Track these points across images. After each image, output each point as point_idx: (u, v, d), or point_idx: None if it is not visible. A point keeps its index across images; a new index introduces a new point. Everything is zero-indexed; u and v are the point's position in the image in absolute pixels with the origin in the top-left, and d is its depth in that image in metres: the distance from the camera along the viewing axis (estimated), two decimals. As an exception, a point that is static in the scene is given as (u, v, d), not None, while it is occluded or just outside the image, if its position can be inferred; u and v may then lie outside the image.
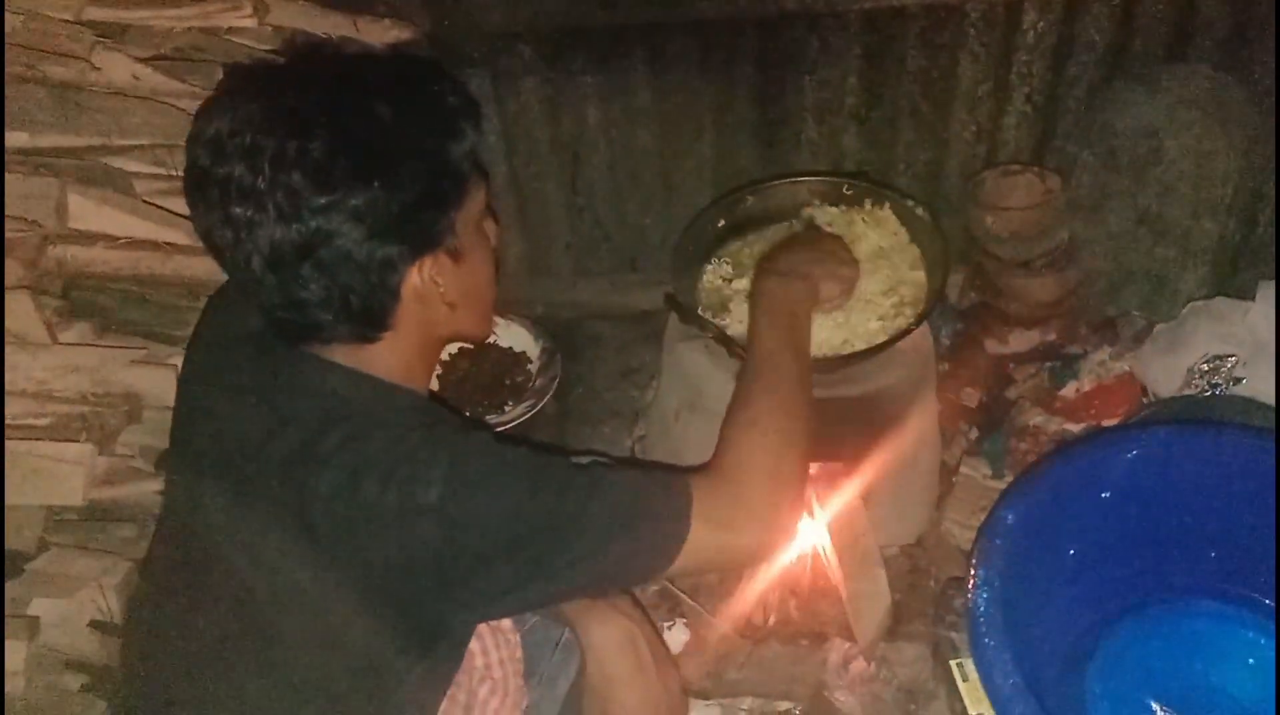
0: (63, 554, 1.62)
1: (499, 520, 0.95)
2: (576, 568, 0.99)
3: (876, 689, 1.56)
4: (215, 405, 1.05)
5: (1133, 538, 1.36)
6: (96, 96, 1.54)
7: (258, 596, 0.98)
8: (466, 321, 1.10)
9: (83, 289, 1.64)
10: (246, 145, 0.91)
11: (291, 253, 0.93)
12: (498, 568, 0.97)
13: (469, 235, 1.04)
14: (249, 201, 0.91)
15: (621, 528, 1.00)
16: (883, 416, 1.57)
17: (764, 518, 1.07)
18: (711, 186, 2.00)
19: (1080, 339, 1.90)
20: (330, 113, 0.93)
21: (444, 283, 1.02)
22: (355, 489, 0.92)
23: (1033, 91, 1.88)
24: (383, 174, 0.93)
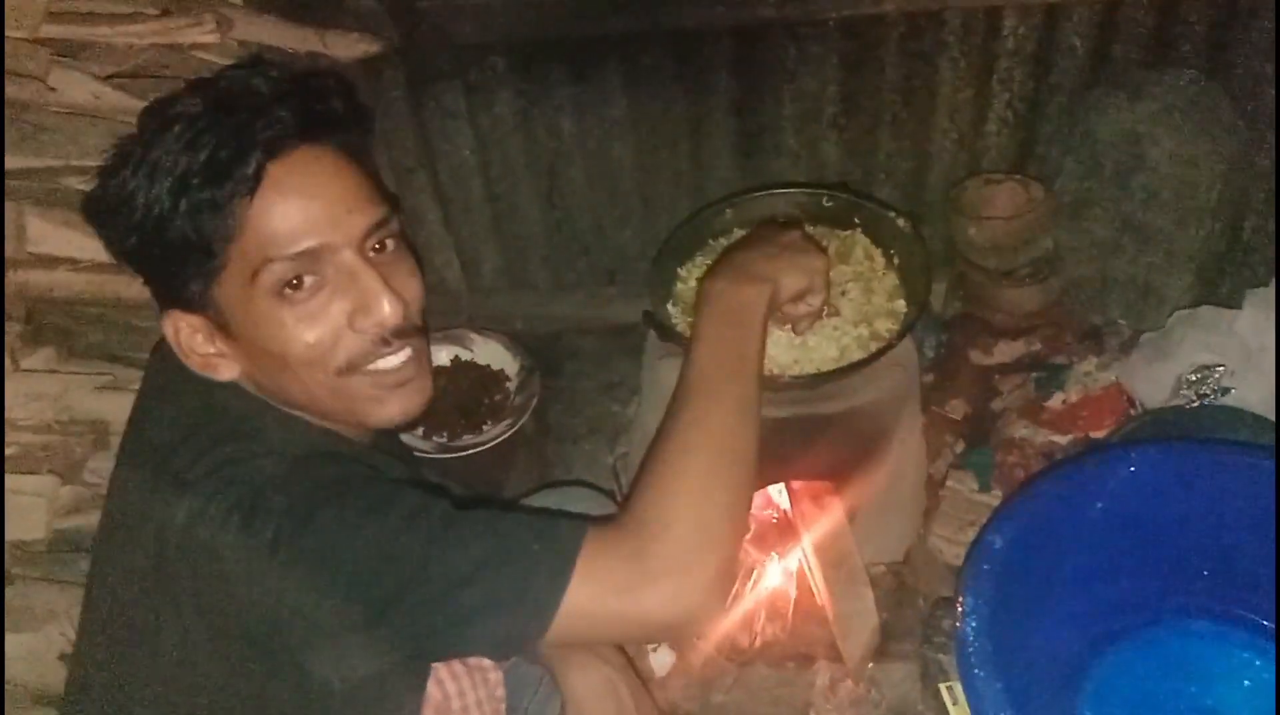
0: (29, 587, 1.59)
1: (333, 563, 0.85)
2: (419, 625, 0.87)
3: (865, 711, 1.54)
4: (146, 417, 1.02)
5: (1124, 559, 1.34)
6: (55, 116, 1.50)
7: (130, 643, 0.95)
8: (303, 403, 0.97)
9: (45, 314, 1.60)
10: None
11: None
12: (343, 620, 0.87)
13: (244, 309, 0.91)
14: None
15: (490, 580, 0.86)
16: (867, 432, 1.55)
17: (673, 582, 0.87)
18: (690, 198, 1.97)
19: (1066, 349, 1.88)
20: (112, 158, 0.92)
21: (205, 341, 0.95)
22: (203, 516, 0.86)
23: (1014, 99, 1.86)
24: (101, 228, 0.93)
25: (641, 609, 0.88)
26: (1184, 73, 1.79)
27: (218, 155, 0.87)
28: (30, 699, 1.56)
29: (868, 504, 1.63)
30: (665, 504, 0.91)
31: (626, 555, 0.88)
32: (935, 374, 1.90)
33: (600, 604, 0.87)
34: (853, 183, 1.88)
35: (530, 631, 0.88)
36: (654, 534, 0.89)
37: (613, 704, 1.16)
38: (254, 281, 0.89)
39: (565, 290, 2.16)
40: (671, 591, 0.87)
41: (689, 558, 0.88)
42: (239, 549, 0.85)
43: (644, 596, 0.87)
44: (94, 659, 1.01)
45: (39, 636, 1.54)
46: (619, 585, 0.87)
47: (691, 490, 0.92)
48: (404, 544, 0.86)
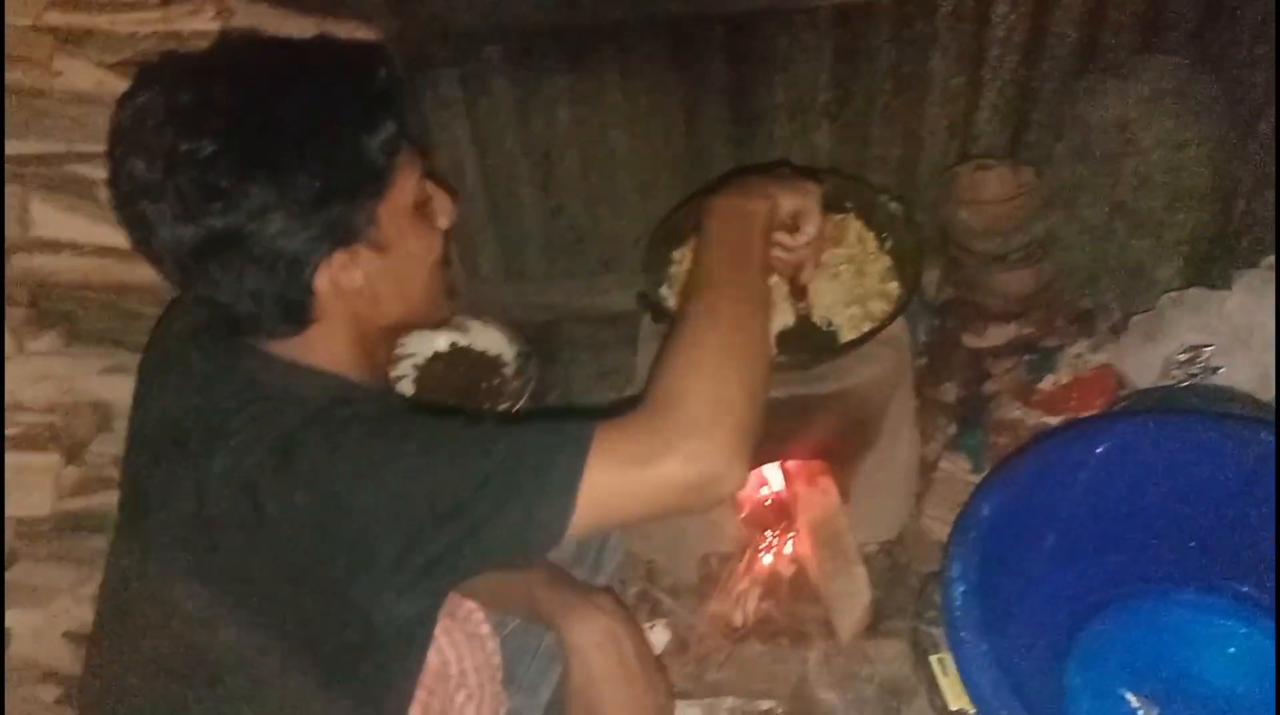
0: (34, 565, 1.61)
1: (371, 485, 0.90)
2: (466, 531, 0.90)
3: (858, 686, 1.56)
4: (160, 399, 1.04)
5: (1111, 528, 1.36)
6: (58, 103, 1.52)
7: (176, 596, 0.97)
8: (404, 310, 1.05)
9: (50, 297, 1.62)
10: (144, 142, 0.90)
11: (193, 253, 0.92)
12: (379, 538, 0.90)
13: (397, 225, 1.00)
14: (149, 199, 0.90)
15: (507, 480, 0.90)
16: (860, 413, 1.56)
17: (687, 445, 0.89)
18: (685, 186, 1.98)
19: (1057, 332, 1.90)
20: (228, 109, 0.91)
21: (365, 277, 0.99)
22: (239, 465, 0.91)
23: (1005, 85, 1.88)
24: (277, 174, 0.90)
25: (661, 474, 0.90)
26: (1173, 58, 1.80)
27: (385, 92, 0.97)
28: (36, 676, 1.58)
29: (861, 484, 1.65)
30: (678, 381, 0.94)
31: (641, 428, 0.91)
32: (928, 357, 1.91)
33: (620, 477, 0.90)
34: (845, 169, 1.90)
35: (557, 520, 0.90)
36: (668, 407, 0.92)
37: (614, 652, 1.17)
38: (409, 196, 1.01)
39: (561, 279, 2.16)
40: (689, 452, 0.89)
41: (704, 422, 0.91)
42: (277, 486, 0.89)
43: (662, 461, 0.89)
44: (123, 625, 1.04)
45: (44, 613, 1.56)
46: (636, 456, 0.90)
47: (703, 366, 0.95)
48: (428, 460, 0.91)
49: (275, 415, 0.93)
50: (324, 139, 0.93)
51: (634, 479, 0.90)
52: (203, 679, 0.98)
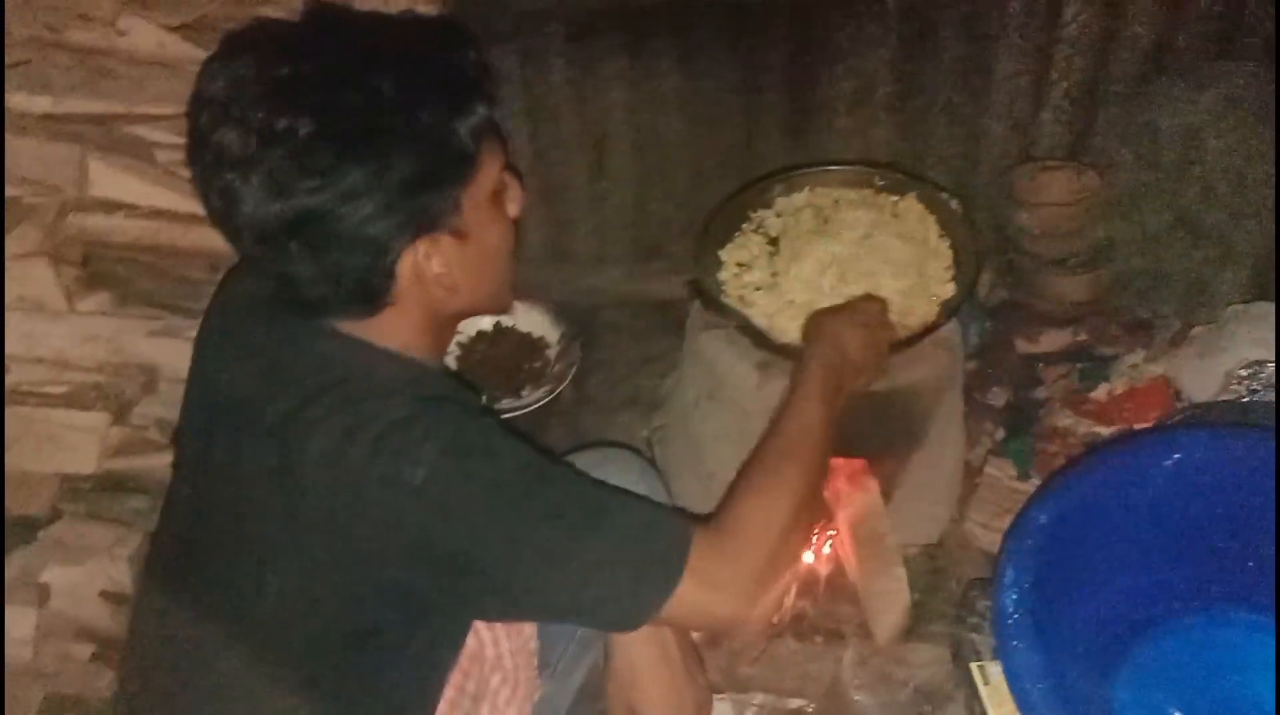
0: (75, 523, 1.62)
1: (481, 521, 0.91)
2: (550, 593, 0.94)
3: (893, 689, 1.53)
4: (223, 367, 1.04)
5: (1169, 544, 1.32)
6: (121, 63, 1.54)
7: (246, 563, 0.97)
8: (476, 298, 1.05)
9: (102, 258, 1.64)
10: (238, 114, 0.88)
11: (278, 230, 0.90)
12: (468, 565, 0.92)
13: (478, 212, 0.99)
14: (238, 171, 0.89)
15: (610, 563, 0.94)
16: (907, 413, 1.54)
17: (751, 591, 0.97)
18: (738, 175, 1.95)
19: (1113, 340, 1.86)
20: (325, 86, 0.89)
21: (446, 264, 0.98)
22: (343, 453, 0.90)
23: (1072, 86, 1.85)
24: (375, 156, 0.89)
25: (723, 607, 0.97)
26: (1247, 66, 1.76)
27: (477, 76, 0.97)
28: (71, 634, 1.59)
29: (904, 485, 1.62)
30: (765, 522, 1.01)
31: (727, 560, 0.97)
32: (978, 360, 1.88)
33: (697, 596, 0.95)
34: (903, 164, 1.87)
35: (638, 619, 0.96)
36: (746, 545, 0.99)
37: (657, 645, 1.18)
38: (490, 184, 1.00)
39: (607, 263, 2.15)
40: (745, 598, 0.97)
41: (765, 574, 0.98)
42: (386, 493, 0.90)
43: (729, 597, 0.96)
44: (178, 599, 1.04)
45: (82, 571, 1.57)
46: (713, 582, 0.96)
47: (779, 521, 1.02)
48: (543, 516, 0.93)
49: (364, 402, 0.93)
50: (419, 122, 0.92)
51: (705, 601, 0.96)
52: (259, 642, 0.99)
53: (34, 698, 1.53)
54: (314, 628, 0.97)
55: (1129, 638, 1.35)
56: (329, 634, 0.98)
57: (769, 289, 1.49)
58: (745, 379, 1.47)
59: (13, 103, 1.50)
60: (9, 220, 1.53)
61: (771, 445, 1.10)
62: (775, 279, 1.50)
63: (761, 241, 1.56)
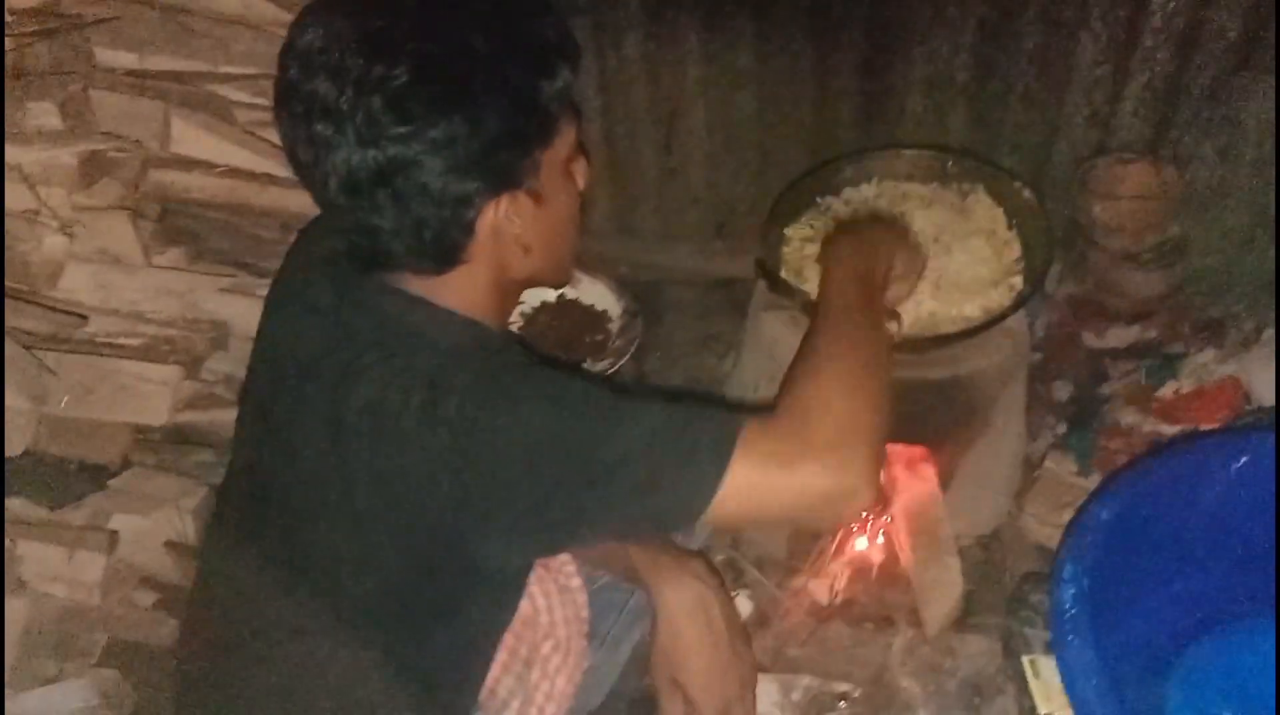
0: (144, 473, 1.66)
1: (518, 437, 0.91)
2: (602, 497, 0.93)
3: (941, 679, 1.53)
4: (289, 324, 1.06)
5: (1232, 546, 1.31)
6: (205, 21, 1.56)
7: (304, 518, 0.99)
8: (544, 264, 1.06)
9: (178, 214, 1.67)
10: (333, 64, 0.89)
11: (367, 178, 0.91)
12: (515, 491, 0.92)
13: (553, 177, 1.01)
14: (330, 121, 0.90)
15: (654, 456, 0.92)
16: (969, 402, 1.53)
17: (829, 457, 0.92)
18: (808, 156, 1.95)
19: (1182, 339, 1.83)
20: (420, 38, 0.90)
21: (521, 223, 0.99)
22: (383, 401, 0.92)
23: (1154, 78, 1.80)
24: (467, 108, 0.90)
25: (801, 480, 0.93)
26: (1335, 62, 1.71)
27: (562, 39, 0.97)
28: (135, 581, 1.64)
29: (962, 474, 1.62)
30: (820, 392, 0.97)
31: (787, 432, 0.94)
32: (1044, 352, 1.86)
33: (763, 475, 0.92)
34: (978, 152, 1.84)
35: (696, 505, 0.92)
36: (810, 417, 0.95)
37: (703, 619, 1.17)
38: (566, 150, 1.02)
39: (672, 240, 2.15)
40: (831, 463, 0.93)
41: (845, 435, 0.94)
42: (421, 427, 0.91)
43: (805, 467, 0.92)
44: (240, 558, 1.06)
45: (150, 521, 1.61)
46: (781, 458, 0.93)
47: (842, 383, 0.98)
48: (577, 421, 0.92)
49: (414, 353, 0.94)
50: (511, 79, 0.93)
51: (775, 479, 0.93)
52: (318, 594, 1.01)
53: (98, 641, 1.58)
54: (370, 580, 0.99)
55: (1185, 639, 1.33)
56: (384, 586, 0.99)
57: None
58: (807, 361, 1.47)
59: (101, 58, 1.53)
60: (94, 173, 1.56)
61: (813, 333, 1.08)
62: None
63: (828, 223, 1.55)
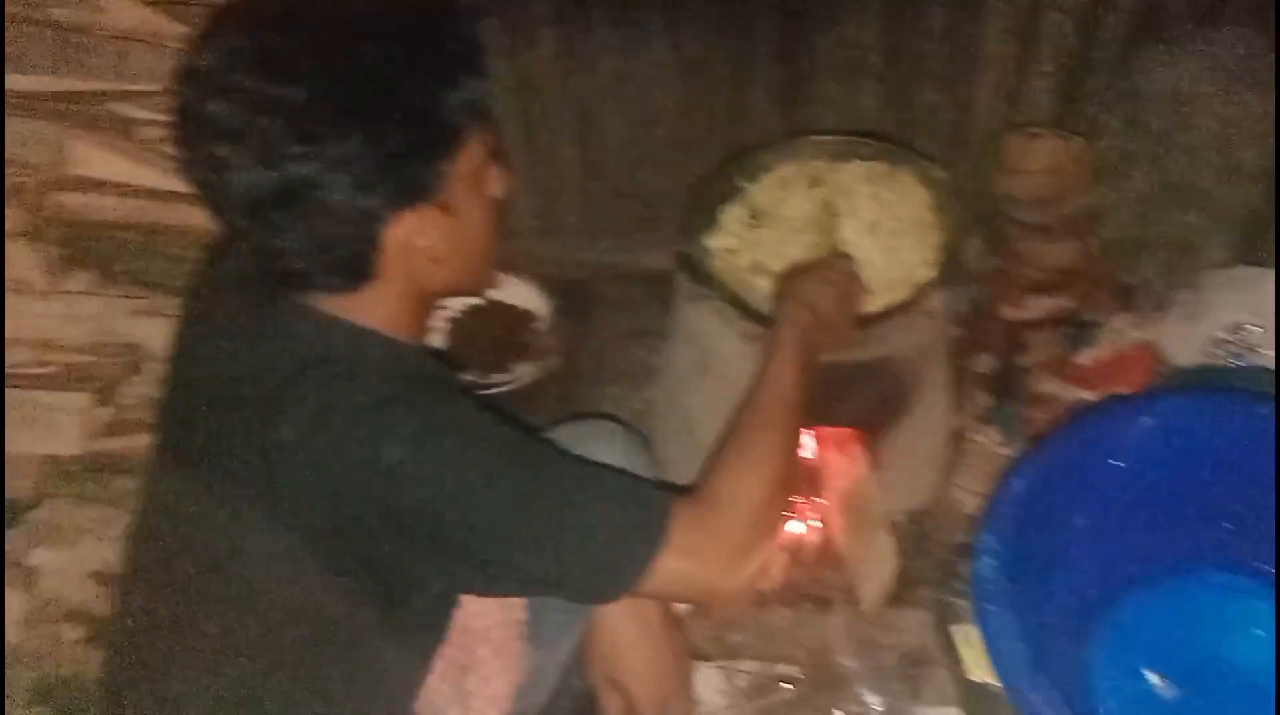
0: (63, 504, 1.63)
1: (459, 495, 0.92)
2: (531, 568, 0.96)
3: (880, 654, 1.55)
4: (203, 350, 1.03)
5: (1144, 507, 1.34)
6: (100, 39, 1.52)
7: (226, 544, 0.97)
8: (459, 275, 1.05)
9: (85, 238, 1.63)
10: (228, 84, 0.88)
11: (267, 199, 0.90)
12: (447, 543, 0.93)
13: (463, 188, 0.99)
14: (227, 143, 0.88)
15: (591, 536, 0.96)
16: (894, 381, 1.55)
17: (734, 559, 1.00)
18: (727, 146, 1.95)
19: (1098, 306, 1.87)
20: (317, 56, 0.89)
21: (431, 236, 0.98)
22: (316, 435, 0.91)
23: (1059, 53, 1.83)
24: (366, 124, 0.89)
25: (708, 576, 0.99)
26: (1233, 31, 1.75)
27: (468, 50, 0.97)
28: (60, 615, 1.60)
29: (891, 452, 1.63)
30: (743, 492, 1.02)
31: (709, 529, 0.99)
32: (964, 327, 1.89)
33: (678, 567, 0.96)
34: (892, 133, 1.86)
35: (619, 590, 0.98)
36: (732, 514, 1.01)
37: (638, 618, 1.20)
38: (476, 160, 1.00)
39: (597, 236, 2.15)
40: (730, 567, 0.99)
41: (749, 542, 1.00)
42: (360, 466, 0.90)
43: (712, 567, 0.99)
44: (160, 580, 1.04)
45: (71, 553, 1.58)
46: (697, 554, 0.98)
47: (762, 490, 1.03)
48: (521, 492, 0.94)
49: (342, 382, 0.93)
50: (412, 92, 0.92)
51: (685, 571, 0.97)
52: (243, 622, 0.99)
53: (24, 681, 1.53)
54: (296, 607, 0.98)
55: (1106, 599, 1.37)
56: (312, 613, 0.98)
57: (755, 262, 1.50)
58: (734, 351, 1.48)
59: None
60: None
61: (748, 417, 1.11)
62: (761, 254, 1.50)
63: (747, 215, 1.57)
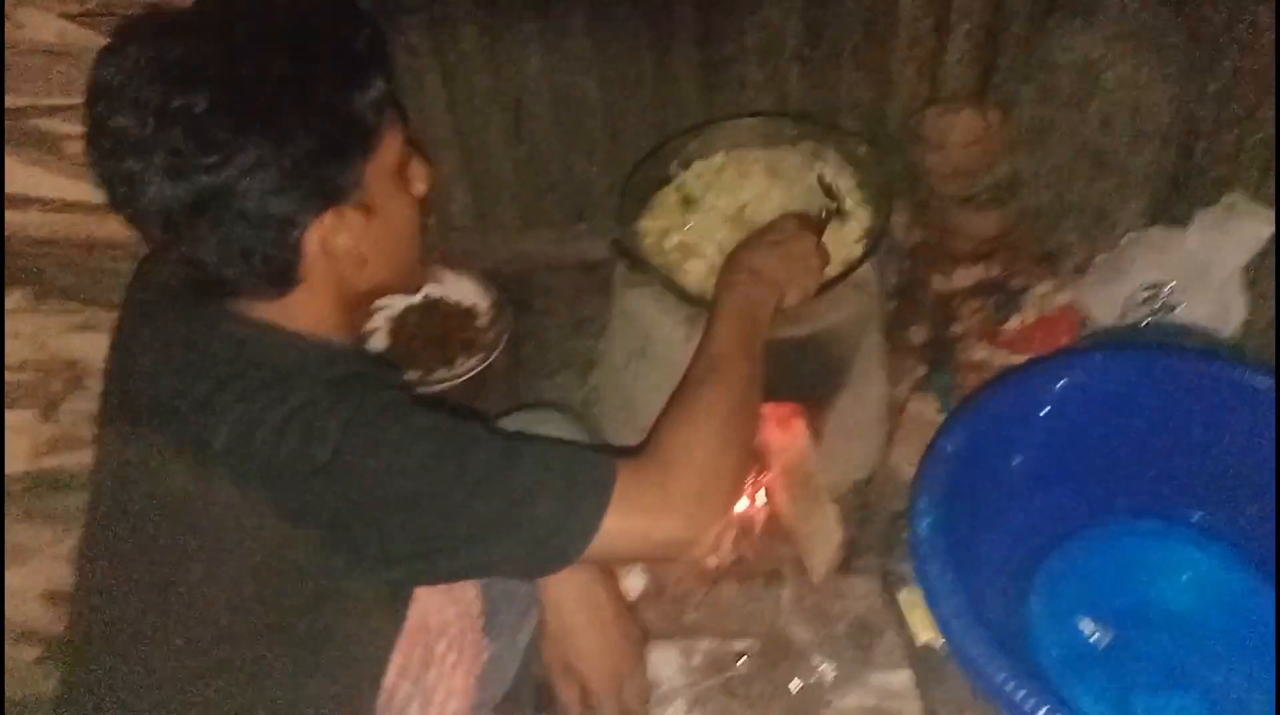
0: (10, 524, 1.61)
1: (395, 482, 0.92)
2: (479, 545, 0.96)
3: (831, 624, 1.59)
4: (137, 361, 1.03)
5: (1071, 462, 1.39)
6: (22, 55, 1.50)
7: (168, 555, 0.97)
8: (386, 274, 1.06)
9: (17, 255, 1.61)
10: (133, 97, 0.89)
11: (181, 210, 0.91)
12: (391, 533, 0.94)
13: (383, 186, 1.01)
14: (137, 156, 0.89)
15: (531, 503, 0.96)
16: (830, 355, 1.58)
17: (688, 511, 1.00)
18: (656, 132, 1.97)
19: (1023, 273, 1.92)
20: (219, 64, 0.90)
21: (352, 236, 0.99)
22: (249, 440, 0.91)
23: (973, 27, 1.87)
24: (273, 129, 0.90)
25: (660, 532, 1.00)
26: (1138, 0, 1.81)
27: (372, 50, 0.98)
28: (13, 636, 1.59)
29: (832, 426, 1.67)
30: (688, 442, 1.04)
31: (653, 482, 1.00)
32: (897, 300, 1.93)
33: (629, 525, 0.98)
34: (816, 113, 1.90)
35: (571, 553, 0.98)
36: (677, 467, 1.02)
37: (589, 604, 1.21)
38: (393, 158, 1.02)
39: (534, 227, 2.16)
40: (688, 515, 1.00)
41: (702, 493, 1.01)
42: (294, 468, 0.90)
43: (667, 518, 1.00)
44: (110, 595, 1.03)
45: (20, 572, 1.56)
46: (644, 509, 0.99)
47: (711, 434, 1.05)
48: (458, 470, 0.94)
49: (276, 386, 0.93)
50: (318, 95, 0.93)
51: (638, 528, 0.99)
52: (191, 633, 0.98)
53: (-24, 703, 1.53)
54: (242, 615, 0.97)
55: (1039, 553, 1.42)
56: (257, 620, 0.97)
57: (689, 246, 1.52)
58: (673, 334, 1.50)
59: (-90, 103, 1.47)
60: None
61: (689, 374, 1.13)
62: (694, 238, 1.53)
63: (679, 200, 1.59)
